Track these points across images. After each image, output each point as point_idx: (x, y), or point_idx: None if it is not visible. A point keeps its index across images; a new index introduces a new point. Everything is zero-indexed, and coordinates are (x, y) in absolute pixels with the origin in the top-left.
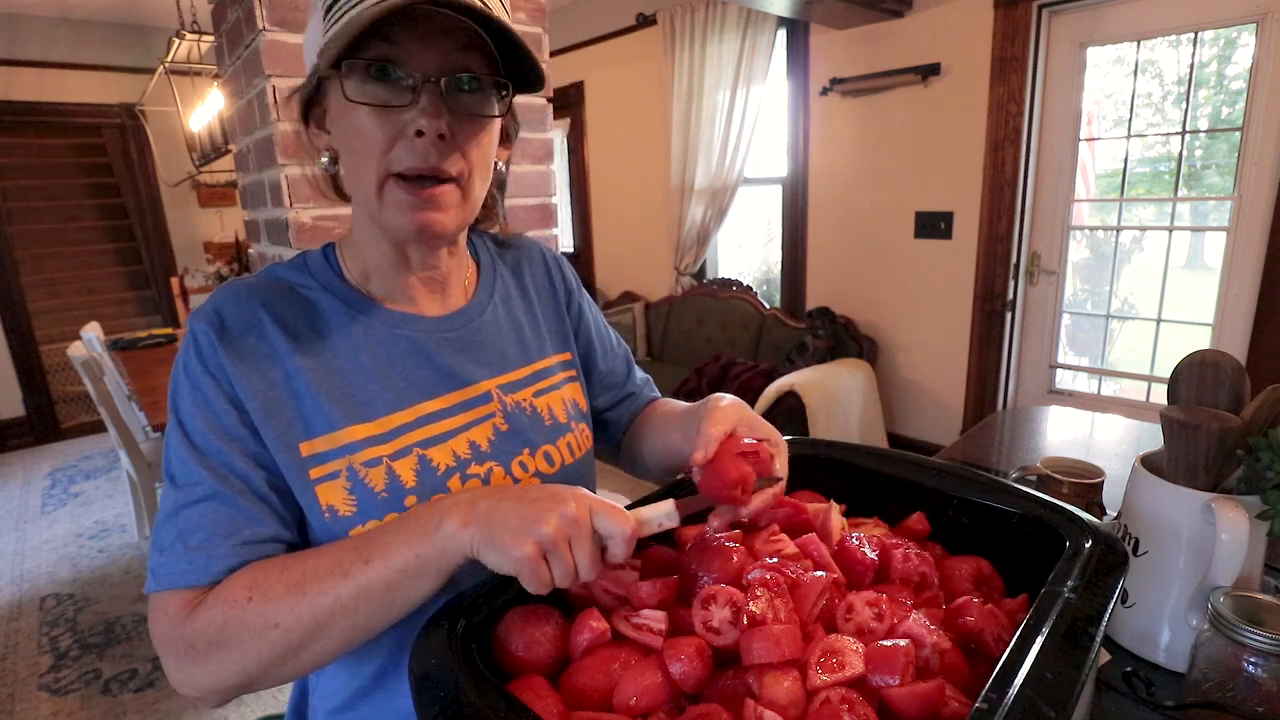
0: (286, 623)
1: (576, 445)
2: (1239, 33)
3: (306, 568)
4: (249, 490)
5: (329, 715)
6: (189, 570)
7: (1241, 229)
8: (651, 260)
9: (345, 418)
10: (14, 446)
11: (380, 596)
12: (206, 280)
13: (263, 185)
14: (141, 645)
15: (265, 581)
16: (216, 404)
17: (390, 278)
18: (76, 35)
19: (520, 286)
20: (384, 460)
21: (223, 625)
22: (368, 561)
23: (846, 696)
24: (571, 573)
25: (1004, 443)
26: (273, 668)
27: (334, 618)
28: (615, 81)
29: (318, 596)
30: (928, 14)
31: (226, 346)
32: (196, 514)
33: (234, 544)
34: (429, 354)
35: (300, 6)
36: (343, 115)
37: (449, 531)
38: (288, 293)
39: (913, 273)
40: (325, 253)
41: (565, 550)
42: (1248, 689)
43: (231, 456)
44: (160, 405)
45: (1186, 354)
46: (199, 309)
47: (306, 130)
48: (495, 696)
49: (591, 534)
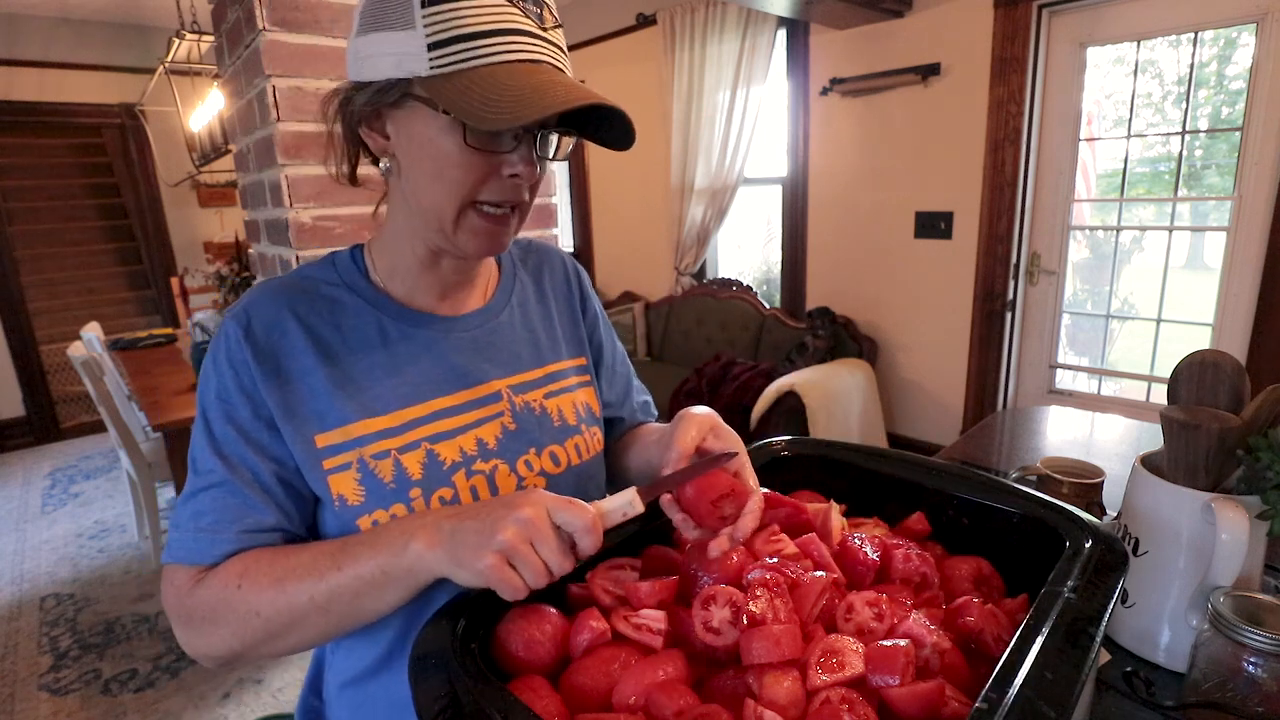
0: (266, 613)
1: (585, 447)
2: (1239, 33)
3: (289, 564)
4: (255, 481)
5: (341, 689)
6: (195, 549)
7: (1241, 229)
8: (651, 260)
9: (358, 412)
10: (14, 446)
11: (349, 601)
12: (206, 280)
13: (263, 185)
14: (141, 645)
15: (254, 571)
16: (235, 397)
17: (416, 278)
18: (76, 35)
19: (539, 291)
20: (392, 453)
21: (215, 605)
22: (339, 568)
23: (846, 696)
24: (541, 571)
25: (1004, 443)
26: (257, 646)
27: (308, 614)
28: (615, 81)
29: (294, 594)
30: (928, 14)
31: (251, 344)
32: (208, 498)
33: (236, 530)
34: (443, 352)
35: (300, 6)
36: (433, 140)
37: (416, 551)
38: (314, 291)
39: (913, 273)
40: (353, 253)
41: (528, 552)
42: (1248, 689)
43: (244, 448)
44: (160, 405)
45: (1186, 354)
46: (233, 307)
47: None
48: (495, 696)
49: (552, 531)
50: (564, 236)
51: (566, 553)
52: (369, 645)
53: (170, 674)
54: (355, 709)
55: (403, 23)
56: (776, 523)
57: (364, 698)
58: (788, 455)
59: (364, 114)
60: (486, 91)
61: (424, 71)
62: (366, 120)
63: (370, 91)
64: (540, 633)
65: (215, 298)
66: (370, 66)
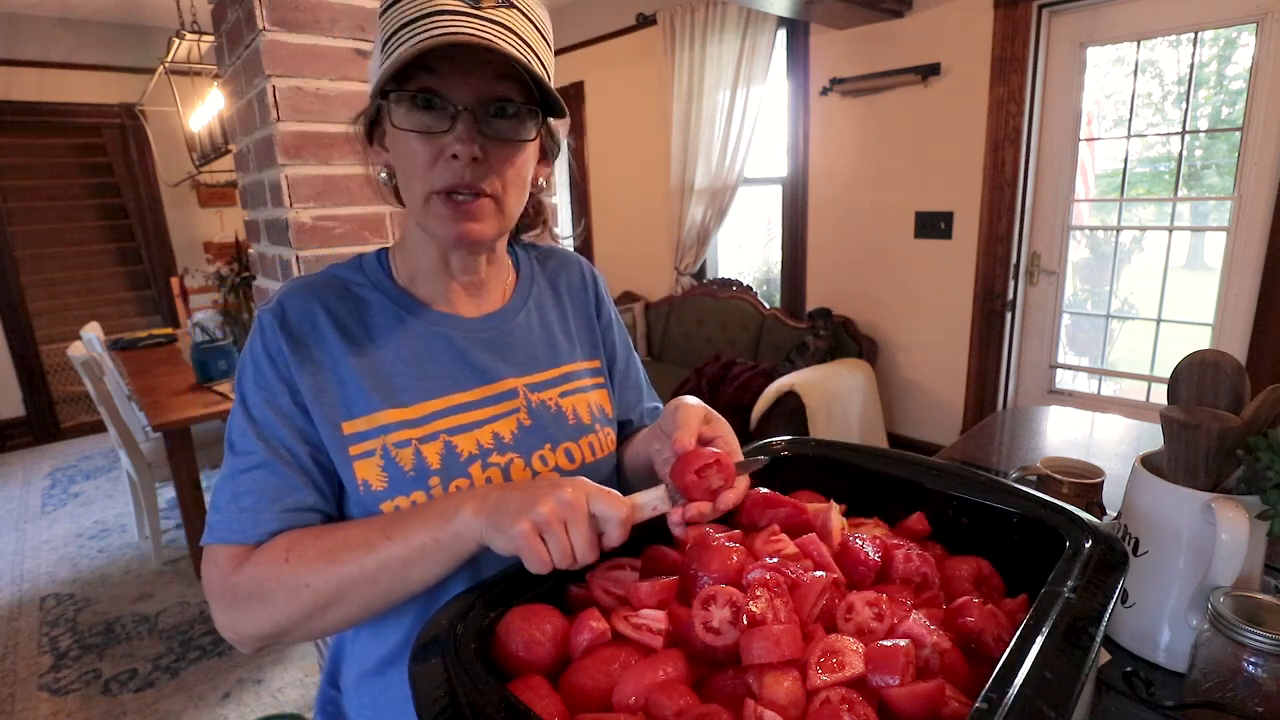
0: (316, 584)
1: (599, 446)
2: (1239, 33)
3: (338, 538)
4: (295, 462)
5: (360, 678)
6: (239, 529)
7: (1241, 229)
8: (651, 260)
9: (383, 402)
10: (14, 446)
11: (397, 571)
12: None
13: (263, 185)
14: (141, 645)
15: (301, 546)
16: (273, 384)
17: (434, 281)
18: (76, 35)
19: (556, 295)
20: (413, 442)
21: (263, 580)
22: (390, 539)
23: (846, 696)
24: (568, 552)
25: (1004, 443)
26: (302, 622)
27: (357, 585)
28: (615, 81)
29: (345, 565)
30: (928, 14)
31: (286, 334)
32: (249, 479)
33: (278, 510)
34: (462, 350)
35: (300, 6)
36: (395, 138)
37: (464, 519)
38: (342, 289)
39: (913, 273)
40: (379, 256)
41: (560, 531)
42: (1248, 689)
43: (282, 430)
44: (160, 405)
45: (1186, 354)
46: (266, 301)
47: (370, 149)
48: (495, 696)
49: (587, 517)
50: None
51: (594, 543)
52: (387, 635)
53: (170, 674)
54: (374, 698)
55: (377, 38)
56: (776, 523)
57: (383, 686)
58: (788, 455)
59: (369, 134)
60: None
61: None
62: (376, 140)
63: (366, 113)
64: (540, 633)
65: (215, 298)
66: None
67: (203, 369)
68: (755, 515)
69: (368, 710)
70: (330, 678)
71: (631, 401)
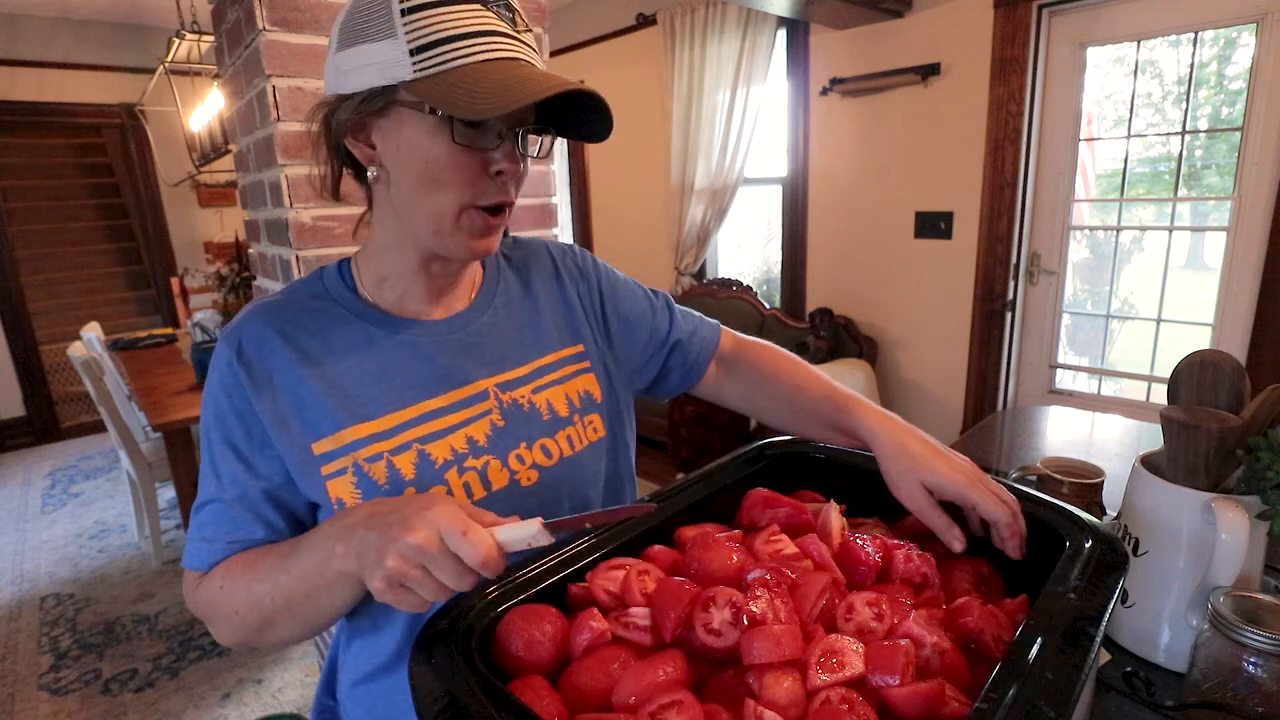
0: (243, 611)
1: (578, 438)
2: (1239, 33)
3: (258, 566)
4: (242, 500)
5: (353, 686)
6: (196, 556)
7: (1241, 229)
8: (651, 260)
9: (349, 418)
10: (14, 446)
11: (305, 600)
12: (206, 280)
13: (263, 185)
14: (141, 645)
15: (231, 574)
16: (228, 418)
17: (407, 285)
18: (76, 35)
19: (525, 287)
20: (385, 455)
21: (208, 604)
22: (288, 571)
23: (846, 696)
24: (438, 590)
25: (1004, 443)
26: (251, 637)
27: (277, 611)
28: (615, 81)
29: (260, 595)
30: (928, 14)
31: (243, 365)
32: (207, 512)
33: (226, 542)
34: (429, 356)
35: (300, 7)
36: (420, 143)
37: (340, 555)
38: (299, 305)
39: (913, 273)
40: (340, 267)
41: (419, 575)
42: (1248, 689)
43: (235, 467)
44: (160, 405)
45: (1186, 354)
46: (226, 329)
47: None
48: (495, 696)
49: (446, 555)
50: (564, 236)
51: (464, 573)
52: (381, 643)
53: (170, 674)
54: (368, 706)
55: (384, 33)
56: (776, 523)
57: (377, 694)
58: (788, 455)
59: (349, 125)
60: (472, 86)
61: (409, 76)
62: (352, 132)
63: (355, 102)
64: (540, 633)
65: (215, 298)
66: (353, 78)
67: (203, 369)
68: (755, 515)
69: (363, 718)
70: (326, 687)
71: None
